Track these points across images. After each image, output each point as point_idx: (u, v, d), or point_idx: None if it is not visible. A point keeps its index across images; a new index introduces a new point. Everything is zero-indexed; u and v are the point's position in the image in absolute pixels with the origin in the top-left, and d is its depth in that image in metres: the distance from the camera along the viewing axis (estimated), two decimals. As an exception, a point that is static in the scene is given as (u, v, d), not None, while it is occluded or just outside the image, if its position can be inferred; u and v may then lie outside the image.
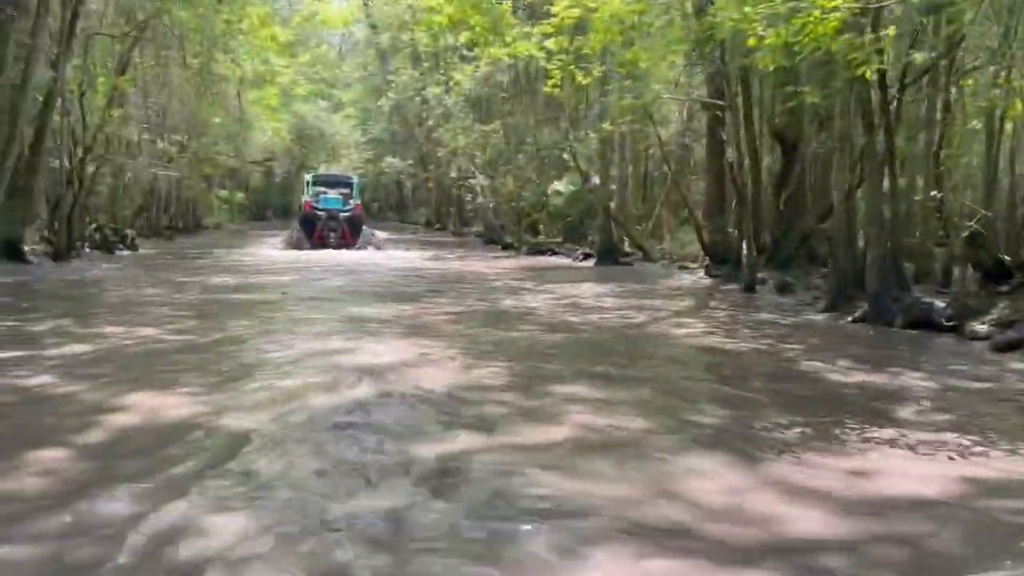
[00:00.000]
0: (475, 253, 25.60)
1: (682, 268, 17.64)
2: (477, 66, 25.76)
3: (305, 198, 26.04)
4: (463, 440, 4.39)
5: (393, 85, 36.68)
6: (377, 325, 9.48)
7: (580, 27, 15.30)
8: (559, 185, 24.29)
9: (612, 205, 20.50)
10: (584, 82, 16.38)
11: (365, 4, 43.28)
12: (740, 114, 14.45)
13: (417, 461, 3.93)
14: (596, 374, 6.70)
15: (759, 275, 13.55)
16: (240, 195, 25.76)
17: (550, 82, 16.80)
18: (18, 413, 5.00)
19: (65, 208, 18.70)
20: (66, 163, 18.95)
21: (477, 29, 19.51)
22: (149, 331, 8.29)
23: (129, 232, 23.48)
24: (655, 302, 12.34)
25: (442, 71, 28.54)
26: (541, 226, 28.36)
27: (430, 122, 28.99)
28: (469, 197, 27.29)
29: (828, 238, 12.87)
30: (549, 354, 7.81)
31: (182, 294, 12.47)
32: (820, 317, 10.30)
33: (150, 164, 22.90)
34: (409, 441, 4.28)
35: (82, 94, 18.82)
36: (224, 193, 24.39)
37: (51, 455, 3.93)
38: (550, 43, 16.44)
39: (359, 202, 26.90)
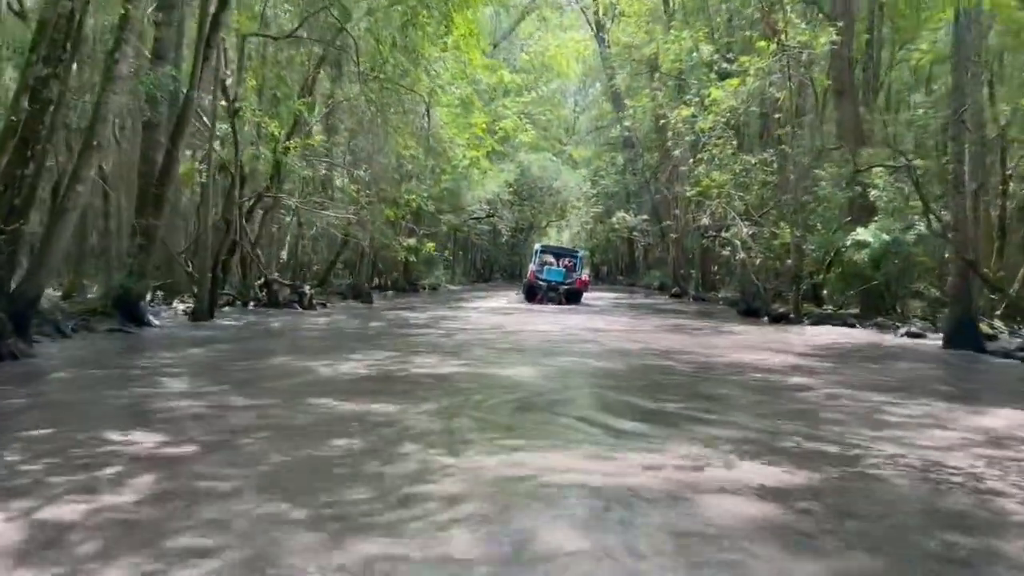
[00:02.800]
0: (732, 325, 18.81)
1: None
2: (743, 79, 19.40)
3: (531, 267, 27.61)
4: None
5: (630, 114, 30.92)
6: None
7: None
8: (864, 233, 16.96)
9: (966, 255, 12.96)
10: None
11: (598, 33, 38.46)
12: None
13: None
14: None
15: None
16: (431, 244, 20.65)
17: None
18: None
19: (205, 259, 14.65)
20: (213, 205, 15.05)
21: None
22: None
23: (306, 289, 19.45)
24: None
25: (692, 92, 22.43)
26: (824, 291, 20.99)
27: (676, 152, 22.78)
28: (726, 251, 20.49)
29: None
30: None
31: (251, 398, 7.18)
32: None
33: (333, 208, 18.86)
34: None
35: (235, 112, 14.87)
36: (411, 243, 19.67)
37: None
38: None
39: (581, 277, 27.72)
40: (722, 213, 20.78)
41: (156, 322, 13.57)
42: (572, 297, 25.85)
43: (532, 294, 25.81)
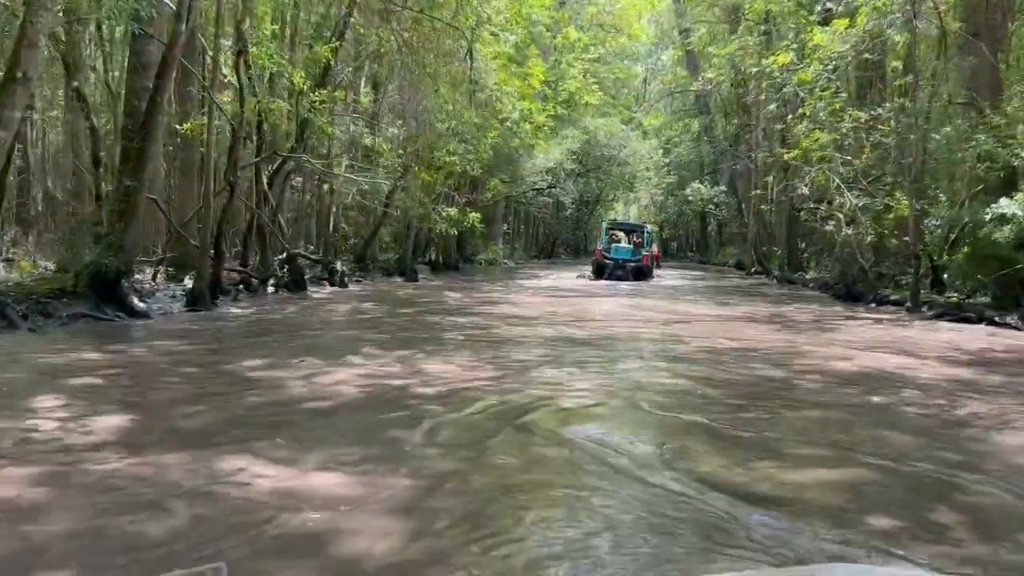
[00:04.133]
0: (836, 315, 15.66)
1: None
2: (851, 21, 16.03)
3: (599, 246, 27.89)
4: None
5: (710, 69, 27.43)
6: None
7: None
8: (1010, 205, 13.60)
9: None
10: None
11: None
12: None
13: None
14: None
15: None
16: (475, 215, 17.76)
17: None
18: None
19: (205, 232, 12.32)
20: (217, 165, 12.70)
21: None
22: None
23: (338, 266, 17.03)
24: None
25: (789, 39, 18.92)
26: (946, 276, 17.57)
27: (771, 106, 19.38)
28: (829, 226, 17.22)
29: None
30: None
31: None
32: None
33: (362, 173, 16.30)
34: None
35: (240, 53, 12.41)
36: (452, 212, 16.85)
37: None
38: None
39: (648, 252, 27.72)
40: (823, 181, 17.49)
41: (141, 306, 11.28)
42: (640, 274, 25.86)
43: (600, 272, 25.86)
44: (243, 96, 12.52)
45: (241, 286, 14.91)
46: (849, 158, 16.62)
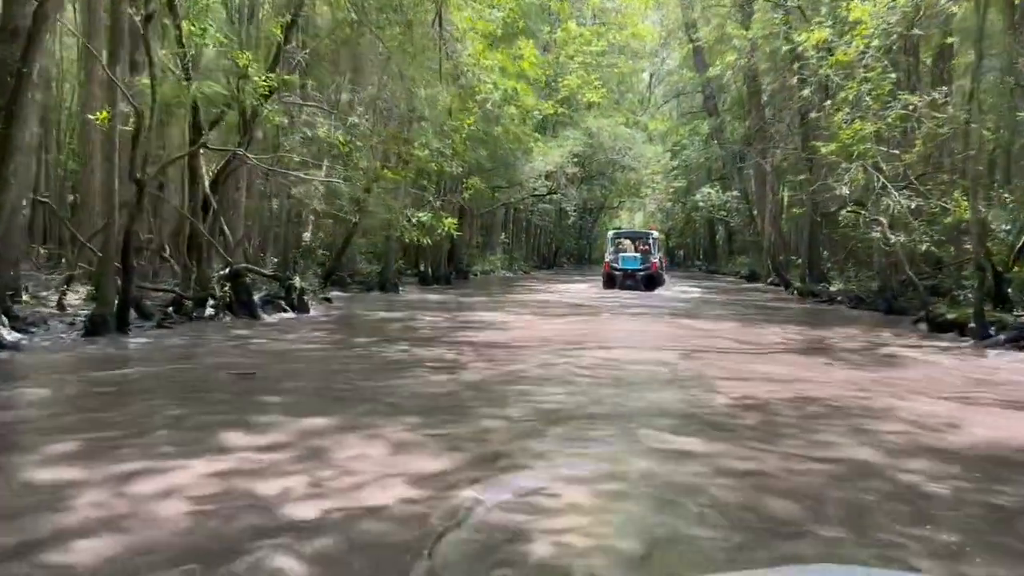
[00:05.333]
0: (886, 339, 13.06)
1: None
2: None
3: (606, 257, 27.71)
4: None
5: (723, 58, 24.78)
6: None
7: None
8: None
9: None
10: None
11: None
12: None
13: None
14: None
15: None
16: (450, 221, 14.95)
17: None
18: None
19: (109, 243, 9.83)
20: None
21: None
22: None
23: (296, 282, 14.46)
24: None
25: (822, 9, 16.18)
26: (1009, 289, 14.94)
27: (804, 91, 16.61)
28: (876, 232, 14.57)
29: None
30: None
31: None
32: None
33: (314, 171, 13.69)
34: None
35: (148, 20, 9.91)
36: (422, 217, 14.16)
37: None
38: None
39: (657, 260, 27.18)
40: (860, 180, 14.90)
41: (11, 337, 8.76)
42: (651, 282, 25.64)
43: (610, 284, 25.78)
44: (154, 75, 9.99)
45: (171, 309, 12.41)
46: (897, 152, 14.02)
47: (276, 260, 17.20)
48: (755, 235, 40.86)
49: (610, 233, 31.49)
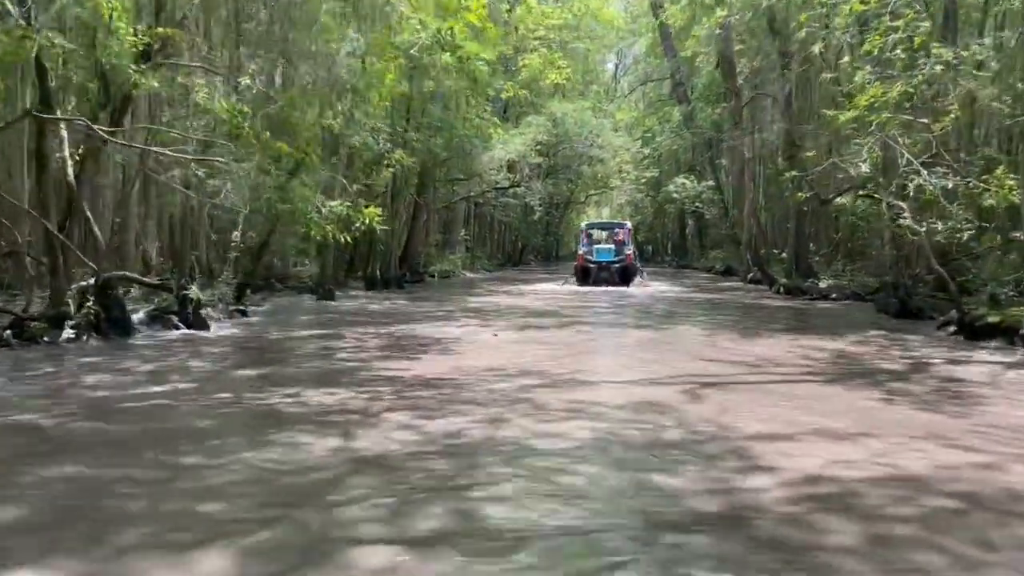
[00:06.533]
0: (922, 351, 10.56)
1: None
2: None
3: (580, 250, 26.85)
4: None
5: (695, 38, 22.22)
6: None
7: None
8: None
9: None
10: None
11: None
12: None
13: None
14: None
15: None
16: (371, 210, 11.88)
17: None
18: None
19: None
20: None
21: None
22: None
23: (192, 293, 11.55)
24: None
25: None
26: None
27: (815, 47, 13.88)
28: (904, 219, 12.00)
29: None
30: None
31: None
32: None
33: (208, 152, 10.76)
34: None
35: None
36: (337, 206, 11.20)
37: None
38: None
39: (631, 251, 26.60)
40: (876, 158, 12.38)
41: None
42: (626, 274, 25.15)
43: (585, 277, 25.02)
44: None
45: (8, 332, 9.45)
46: (926, 121, 11.50)
47: (179, 265, 14.24)
48: (730, 228, 38.53)
49: (583, 225, 31.05)
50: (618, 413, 6.12)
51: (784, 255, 29.63)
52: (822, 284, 24.51)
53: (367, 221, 10.12)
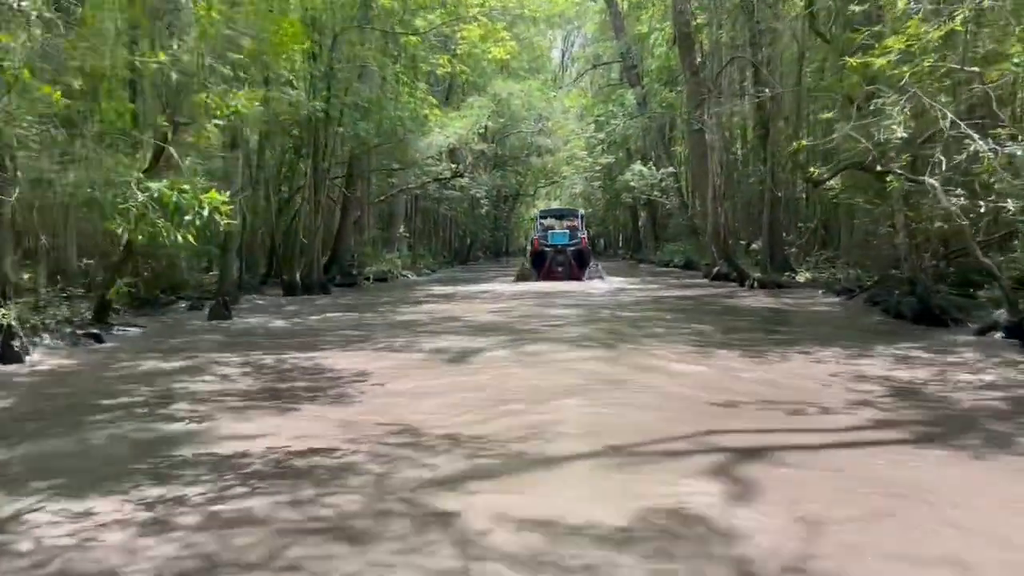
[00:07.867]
0: (984, 371, 7.89)
1: None
2: None
3: (534, 235, 27.00)
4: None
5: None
6: None
7: None
8: None
9: None
10: None
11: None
12: None
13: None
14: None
15: None
16: (212, 195, 8.71)
17: None
18: None
19: None
20: None
21: None
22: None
23: (4, 319, 8.21)
24: None
25: None
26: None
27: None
28: (950, 202, 9.28)
29: None
30: None
31: None
32: None
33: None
34: None
35: None
36: (215, 197, 8.00)
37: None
38: None
39: (585, 236, 27.11)
40: (906, 120, 9.66)
41: None
42: (581, 258, 25.35)
43: (540, 261, 25.13)
44: None
45: None
46: (976, 70, 8.79)
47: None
48: (690, 218, 36.03)
49: (536, 212, 31.86)
50: (619, 557, 3.13)
51: (754, 247, 27.19)
52: (800, 278, 22.11)
53: (210, 202, 6.80)
